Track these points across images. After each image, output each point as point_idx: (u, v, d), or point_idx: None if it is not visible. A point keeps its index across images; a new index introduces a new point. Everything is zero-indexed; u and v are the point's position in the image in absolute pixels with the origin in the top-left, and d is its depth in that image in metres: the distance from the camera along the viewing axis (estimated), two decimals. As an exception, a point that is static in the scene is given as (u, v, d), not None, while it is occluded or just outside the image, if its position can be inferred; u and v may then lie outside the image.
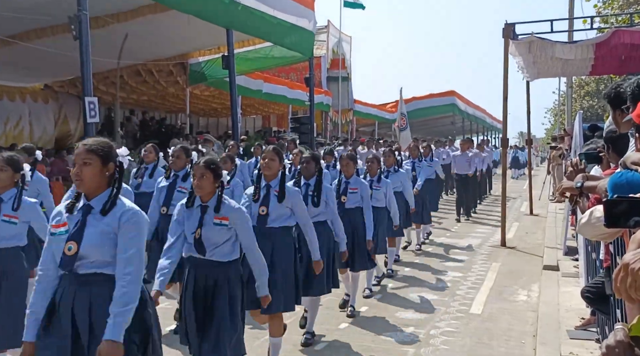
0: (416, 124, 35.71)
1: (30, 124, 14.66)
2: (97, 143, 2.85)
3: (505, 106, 10.86)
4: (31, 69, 13.74)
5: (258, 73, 18.21)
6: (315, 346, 5.33)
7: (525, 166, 30.65)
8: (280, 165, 4.59)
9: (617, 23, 13.47)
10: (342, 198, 6.13)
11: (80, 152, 2.80)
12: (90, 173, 2.78)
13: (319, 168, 5.33)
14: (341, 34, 25.96)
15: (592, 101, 34.57)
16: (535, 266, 8.75)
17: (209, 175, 3.73)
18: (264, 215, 4.53)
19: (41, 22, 10.89)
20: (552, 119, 51.29)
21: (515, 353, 5.25)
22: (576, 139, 7.16)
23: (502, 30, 10.44)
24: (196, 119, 22.82)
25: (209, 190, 3.77)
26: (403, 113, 15.32)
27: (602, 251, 4.22)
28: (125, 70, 15.02)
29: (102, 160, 2.82)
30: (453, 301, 6.93)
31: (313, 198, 5.23)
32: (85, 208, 2.82)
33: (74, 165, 2.82)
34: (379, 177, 7.05)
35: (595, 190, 2.83)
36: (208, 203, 3.78)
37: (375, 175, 7.05)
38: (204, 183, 3.73)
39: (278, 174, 4.59)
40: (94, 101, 8.71)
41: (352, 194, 6.19)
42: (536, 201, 15.60)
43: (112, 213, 2.81)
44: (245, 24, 12.72)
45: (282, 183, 4.57)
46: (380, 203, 6.94)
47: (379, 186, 6.98)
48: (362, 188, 6.24)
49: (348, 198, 6.18)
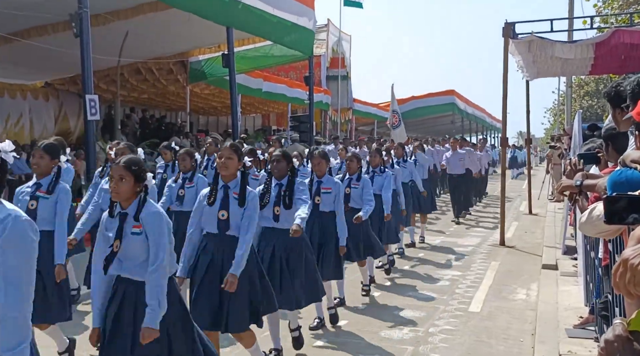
0: (415, 123, 35.74)
1: (31, 121, 14.70)
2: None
3: (504, 105, 10.88)
4: (32, 67, 13.75)
5: (258, 72, 18.23)
6: (314, 344, 5.35)
7: (523, 165, 30.73)
8: (239, 164, 4.15)
9: (617, 23, 13.48)
10: (316, 199, 5.70)
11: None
12: None
13: (291, 167, 4.94)
14: (341, 33, 25.97)
15: (592, 101, 34.62)
16: (534, 265, 8.77)
17: (129, 178, 3.27)
18: (225, 220, 4.08)
19: (42, 20, 10.90)
20: (552, 118, 51.35)
21: (513, 351, 5.27)
22: (575, 138, 7.17)
23: (502, 30, 10.45)
24: (196, 118, 22.84)
25: (128, 195, 3.30)
26: (395, 111, 14.88)
27: (600, 249, 4.24)
28: (126, 68, 15.04)
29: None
30: (452, 299, 6.95)
31: (285, 200, 4.81)
32: None
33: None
34: (358, 176, 6.64)
35: (594, 188, 2.85)
36: (127, 209, 3.32)
37: (354, 173, 6.66)
38: (123, 186, 3.27)
39: (237, 175, 4.15)
40: (94, 98, 8.72)
41: (325, 195, 5.74)
42: (535, 200, 15.62)
43: None
44: (245, 22, 12.74)
45: (242, 185, 4.12)
46: (359, 204, 6.50)
47: (357, 185, 6.58)
48: (335, 187, 5.77)
49: (322, 199, 5.74)
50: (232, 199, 4.10)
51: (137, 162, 3.38)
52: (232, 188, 4.14)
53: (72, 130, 15.68)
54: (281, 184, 4.90)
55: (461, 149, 13.67)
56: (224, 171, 4.13)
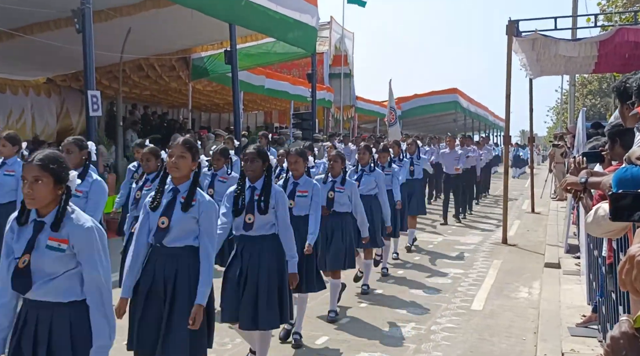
0: (418, 121, 35.74)
1: (33, 117, 14.70)
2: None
3: (507, 104, 10.85)
4: (34, 63, 13.74)
5: (260, 69, 18.19)
6: (317, 341, 5.34)
7: (525, 164, 30.69)
8: (193, 164, 3.57)
9: (621, 21, 13.45)
10: (290, 203, 5.02)
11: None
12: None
13: (267, 167, 4.33)
14: (344, 30, 25.91)
15: (595, 100, 34.54)
16: (537, 263, 8.75)
17: (46, 179, 2.65)
18: (164, 229, 3.47)
19: (45, 16, 10.88)
20: (555, 117, 51.28)
21: (516, 349, 5.26)
22: (579, 136, 7.15)
23: (506, 28, 10.41)
24: (198, 114, 22.81)
25: (47, 200, 2.67)
26: (392, 107, 14.49)
27: (604, 248, 4.22)
28: (128, 64, 15.01)
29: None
30: (454, 297, 6.93)
31: (259, 204, 4.23)
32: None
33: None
34: (342, 178, 6.07)
35: (599, 186, 2.83)
36: (45, 218, 2.70)
37: (337, 176, 6.06)
38: (39, 190, 2.63)
39: (190, 176, 3.58)
40: (96, 94, 8.71)
41: (301, 198, 5.20)
42: (538, 199, 15.59)
43: None
44: (248, 19, 12.71)
45: (192, 188, 3.52)
46: (344, 207, 6.04)
47: (342, 189, 6.01)
48: (313, 190, 5.16)
49: (296, 202, 5.18)
50: (177, 204, 3.50)
51: (56, 159, 2.72)
52: (182, 191, 3.53)
53: (74, 126, 15.67)
54: (254, 187, 4.28)
55: (460, 149, 13.10)
56: (175, 173, 3.53)
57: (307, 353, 5.05)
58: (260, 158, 4.28)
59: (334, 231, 5.94)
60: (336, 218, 5.96)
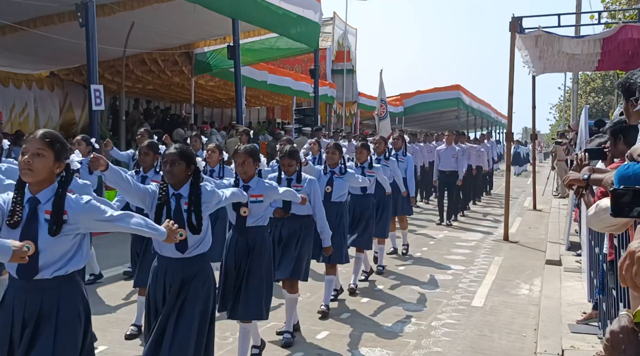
0: (420, 118, 35.75)
1: (36, 111, 14.74)
2: None
3: (510, 101, 10.85)
4: (37, 56, 13.77)
5: (263, 64, 18.21)
6: (317, 336, 5.36)
7: (526, 162, 30.67)
8: (57, 165, 2.75)
9: (625, 18, 13.41)
10: (242, 211, 4.35)
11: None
12: None
13: (194, 170, 3.54)
14: (347, 26, 25.89)
15: (598, 97, 34.47)
16: (538, 260, 8.76)
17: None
18: (32, 257, 2.63)
19: (48, 9, 10.89)
20: (557, 115, 51.19)
21: (516, 346, 5.27)
22: (582, 134, 7.15)
23: (509, 24, 10.41)
24: (201, 109, 22.83)
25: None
26: (383, 100, 13.23)
27: (605, 245, 4.23)
28: (131, 59, 15.04)
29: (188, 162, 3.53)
30: (455, 293, 6.94)
31: (190, 220, 3.43)
32: None
33: None
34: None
35: (601, 182, 2.84)
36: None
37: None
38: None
39: (55, 182, 2.80)
40: (99, 88, 8.74)
41: (255, 204, 4.37)
42: (540, 196, 15.59)
43: None
44: (251, 14, 12.72)
45: (57, 200, 2.70)
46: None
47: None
48: (267, 193, 4.45)
49: (250, 209, 4.36)
50: (42, 222, 2.66)
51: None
52: (43, 203, 2.70)
53: (76, 120, 15.72)
54: (179, 194, 3.49)
55: (457, 145, 12.33)
56: (27, 177, 2.67)
57: (307, 348, 5.07)
58: (184, 160, 3.48)
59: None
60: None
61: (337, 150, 5.97)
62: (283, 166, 5.09)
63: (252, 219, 4.38)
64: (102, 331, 4.91)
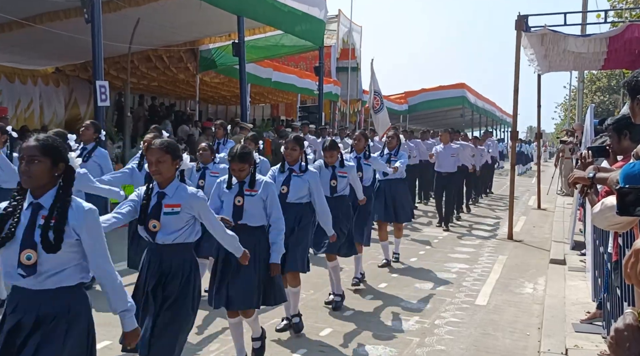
0: (425, 116, 35.66)
1: (41, 107, 14.78)
2: None
3: (515, 99, 10.82)
4: (43, 52, 13.79)
5: (268, 61, 18.19)
6: (321, 332, 5.37)
7: (529, 161, 30.60)
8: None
9: (631, 17, 13.36)
10: (151, 225, 3.66)
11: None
12: None
13: (65, 170, 2.73)
14: (352, 24, 25.85)
15: (604, 96, 34.39)
16: (542, 259, 8.75)
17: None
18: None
19: (54, 5, 10.91)
20: (562, 114, 51.07)
21: (520, 344, 5.27)
22: (587, 133, 7.13)
23: (515, 22, 10.38)
24: (205, 106, 22.84)
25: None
26: (376, 91, 12.21)
27: (610, 244, 4.22)
28: (136, 55, 15.05)
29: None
30: (459, 292, 6.94)
31: (45, 235, 2.58)
32: None
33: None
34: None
35: (607, 181, 2.84)
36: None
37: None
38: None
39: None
40: (104, 84, 8.75)
41: (168, 216, 3.65)
42: (544, 195, 15.56)
43: None
44: (256, 11, 12.72)
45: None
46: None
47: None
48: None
49: (162, 223, 3.62)
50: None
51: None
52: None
53: (81, 116, 15.74)
54: (39, 204, 2.64)
55: (454, 144, 11.59)
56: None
57: (310, 345, 5.08)
58: (47, 156, 2.64)
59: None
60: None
61: (297, 144, 5.28)
62: (233, 171, 4.37)
63: (160, 236, 3.56)
64: (105, 327, 4.91)
